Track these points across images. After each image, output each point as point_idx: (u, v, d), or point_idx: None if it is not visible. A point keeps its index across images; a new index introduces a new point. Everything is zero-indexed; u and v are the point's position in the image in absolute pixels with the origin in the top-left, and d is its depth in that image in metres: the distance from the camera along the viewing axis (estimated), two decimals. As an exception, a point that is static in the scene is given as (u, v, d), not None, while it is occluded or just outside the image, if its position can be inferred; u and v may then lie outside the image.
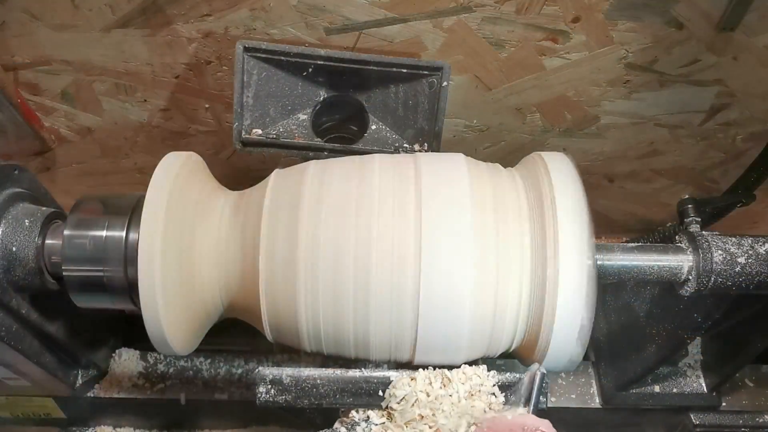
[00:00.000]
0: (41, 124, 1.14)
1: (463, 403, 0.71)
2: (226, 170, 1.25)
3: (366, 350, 0.74)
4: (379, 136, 0.98)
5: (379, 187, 0.73)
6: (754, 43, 0.98)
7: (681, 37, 0.98)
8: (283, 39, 0.98)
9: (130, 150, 1.22)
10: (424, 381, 0.72)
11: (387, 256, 0.70)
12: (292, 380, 0.74)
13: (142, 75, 1.06)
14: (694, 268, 0.77)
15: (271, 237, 0.73)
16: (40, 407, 1.12)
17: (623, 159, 1.23)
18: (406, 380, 0.72)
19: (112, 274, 0.77)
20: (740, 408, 1.11)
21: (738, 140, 1.17)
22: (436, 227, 0.70)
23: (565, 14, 0.95)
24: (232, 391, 1.11)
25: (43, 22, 0.97)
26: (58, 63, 1.04)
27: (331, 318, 0.72)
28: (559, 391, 1.11)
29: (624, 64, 1.02)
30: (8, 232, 0.80)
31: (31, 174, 0.89)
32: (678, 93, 1.08)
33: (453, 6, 0.93)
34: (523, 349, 0.77)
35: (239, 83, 0.91)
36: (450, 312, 0.70)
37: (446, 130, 1.02)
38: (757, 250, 0.77)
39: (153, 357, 1.13)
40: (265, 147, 0.95)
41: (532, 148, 1.18)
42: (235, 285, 0.76)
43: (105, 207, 0.79)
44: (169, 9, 0.95)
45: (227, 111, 1.12)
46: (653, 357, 1.01)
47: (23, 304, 0.85)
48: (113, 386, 1.10)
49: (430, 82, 0.93)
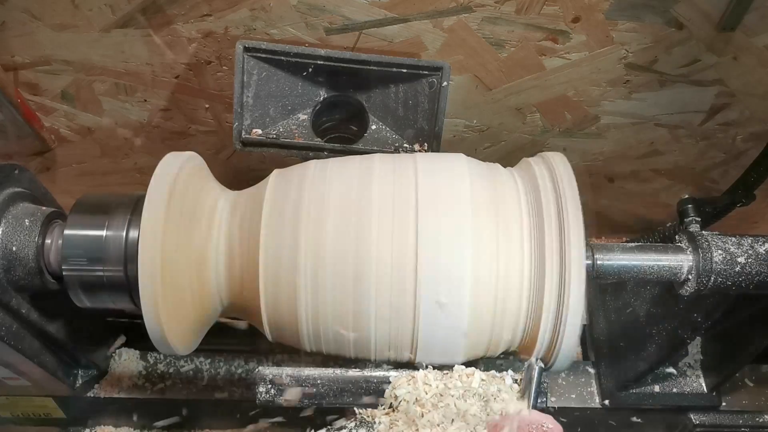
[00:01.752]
0: (41, 124, 1.15)
1: (461, 402, 0.71)
2: (226, 170, 1.25)
3: (366, 350, 0.74)
4: (379, 136, 0.98)
5: (379, 187, 0.73)
6: (754, 43, 0.98)
7: (681, 37, 0.98)
8: (283, 39, 0.98)
9: (130, 150, 1.22)
10: (423, 380, 0.73)
11: (387, 256, 0.70)
12: (292, 380, 0.74)
13: (142, 75, 1.06)
14: (693, 268, 0.77)
15: (271, 237, 0.73)
16: (40, 407, 1.12)
17: (623, 159, 1.23)
18: (405, 379, 0.73)
19: (112, 274, 0.77)
20: (740, 408, 1.11)
21: (738, 140, 1.17)
22: (436, 227, 0.70)
23: (565, 14, 0.95)
24: (232, 391, 1.11)
25: (43, 22, 0.97)
26: (58, 63, 1.04)
27: (330, 318, 0.72)
28: (559, 391, 1.11)
29: (624, 64, 1.02)
30: (8, 231, 0.80)
31: (31, 174, 0.89)
32: (678, 93, 1.08)
33: (453, 6, 0.94)
34: (526, 349, 0.77)
35: (239, 83, 0.91)
36: (450, 312, 0.70)
37: (446, 130, 1.02)
38: (757, 250, 0.77)
39: (153, 357, 1.13)
40: (265, 147, 0.95)
41: (532, 148, 1.19)
42: (234, 284, 0.76)
43: (105, 207, 0.79)
44: (169, 9, 0.95)
45: (227, 111, 1.12)
46: (653, 357, 1.01)
47: (23, 303, 0.85)
48: (113, 386, 1.10)
49: (430, 82, 0.93)
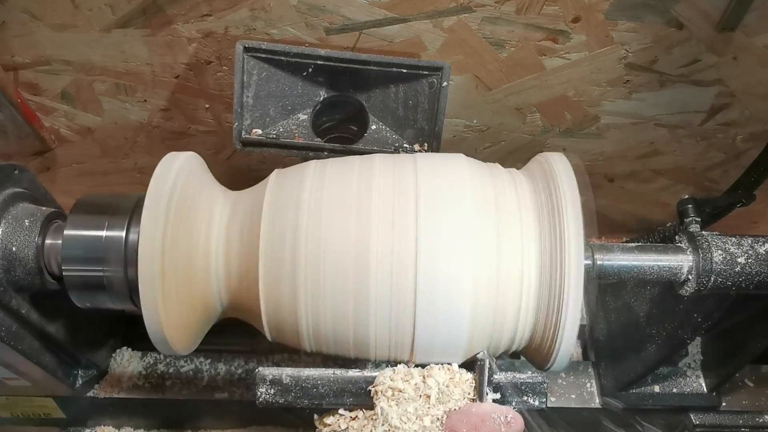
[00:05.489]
0: (41, 124, 1.15)
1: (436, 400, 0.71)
2: (226, 170, 1.25)
3: (366, 350, 0.74)
4: (379, 136, 0.98)
5: (379, 187, 0.73)
6: (754, 43, 0.98)
7: (681, 37, 0.98)
8: (283, 39, 0.98)
9: (130, 150, 1.22)
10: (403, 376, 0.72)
11: (387, 256, 0.70)
12: (292, 380, 0.74)
13: (142, 75, 1.06)
14: (693, 268, 0.77)
15: (271, 237, 0.73)
16: (40, 407, 1.12)
17: (623, 159, 1.23)
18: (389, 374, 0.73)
19: (112, 274, 0.77)
20: (740, 408, 1.11)
21: (738, 140, 1.17)
22: (436, 227, 0.70)
23: (565, 14, 0.95)
24: (232, 391, 1.11)
25: (43, 22, 0.97)
26: (58, 63, 1.04)
27: (330, 318, 0.72)
28: (559, 391, 1.11)
29: (624, 64, 1.02)
30: (8, 232, 0.80)
31: (31, 174, 0.89)
32: (678, 93, 1.08)
33: (453, 6, 0.93)
34: (528, 349, 0.77)
35: (239, 83, 0.91)
36: (450, 312, 0.70)
37: (446, 130, 1.02)
38: (757, 250, 0.77)
39: (153, 357, 1.13)
40: (265, 147, 0.95)
41: (532, 148, 1.19)
42: (234, 285, 0.76)
43: (105, 207, 0.79)
44: (169, 9, 0.95)
45: (227, 111, 1.12)
46: (653, 357, 1.01)
47: (23, 304, 0.85)
48: (113, 386, 1.10)
49: (430, 82, 0.93)
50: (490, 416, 0.68)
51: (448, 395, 0.71)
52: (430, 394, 0.71)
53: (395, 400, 0.71)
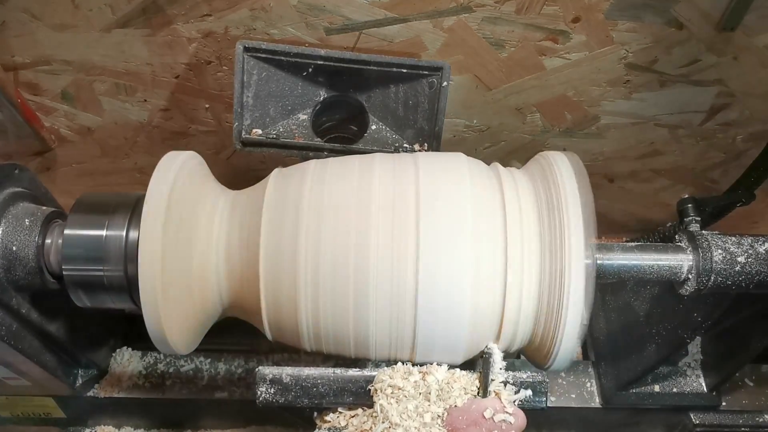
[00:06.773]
0: (41, 124, 1.15)
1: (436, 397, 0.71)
2: (226, 170, 1.25)
3: (366, 350, 0.74)
4: (379, 136, 0.98)
5: (379, 186, 0.73)
6: (754, 43, 0.98)
7: (681, 37, 0.98)
8: (283, 39, 0.98)
9: (130, 150, 1.22)
10: (402, 374, 0.72)
11: (387, 256, 0.70)
12: (292, 380, 0.74)
13: (142, 75, 1.06)
14: (693, 268, 0.77)
15: (271, 236, 0.73)
16: (40, 407, 1.12)
17: (623, 159, 1.23)
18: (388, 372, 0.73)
19: (112, 274, 0.77)
20: (740, 408, 1.11)
21: (738, 140, 1.17)
22: (436, 227, 0.70)
23: (565, 14, 0.95)
24: (232, 391, 1.11)
25: (43, 22, 0.97)
26: (58, 63, 1.04)
27: (331, 317, 0.72)
28: (559, 391, 1.11)
29: (624, 64, 1.02)
30: (8, 231, 0.80)
31: (32, 173, 0.89)
32: (678, 93, 1.08)
33: (453, 6, 0.94)
34: (528, 348, 0.77)
35: (239, 83, 0.91)
36: (450, 312, 0.70)
37: (446, 130, 1.02)
38: (757, 250, 0.77)
39: (153, 357, 1.13)
40: (265, 147, 0.95)
41: (532, 148, 1.19)
42: (235, 284, 0.76)
43: (105, 206, 0.79)
44: (169, 9, 0.95)
45: (227, 111, 1.12)
46: (653, 357, 1.01)
47: (23, 303, 0.85)
48: (113, 386, 1.10)
49: (430, 82, 0.93)
50: (491, 413, 0.68)
51: (448, 392, 0.71)
52: (430, 391, 0.71)
53: (395, 398, 0.71)
